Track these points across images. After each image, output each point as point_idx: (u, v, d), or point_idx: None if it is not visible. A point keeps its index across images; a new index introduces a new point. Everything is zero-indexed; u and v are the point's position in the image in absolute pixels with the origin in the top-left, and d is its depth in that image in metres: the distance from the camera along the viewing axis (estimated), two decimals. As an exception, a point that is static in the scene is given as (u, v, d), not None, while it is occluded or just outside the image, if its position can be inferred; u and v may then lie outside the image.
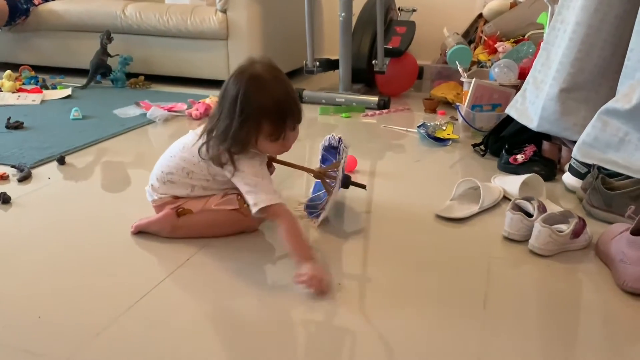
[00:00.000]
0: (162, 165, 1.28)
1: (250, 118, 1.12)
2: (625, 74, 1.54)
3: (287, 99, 1.16)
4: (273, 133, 1.15)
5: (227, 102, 1.14)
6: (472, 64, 2.67)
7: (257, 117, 1.12)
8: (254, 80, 1.13)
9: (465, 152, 2.00)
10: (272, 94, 1.13)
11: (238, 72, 1.15)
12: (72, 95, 2.73)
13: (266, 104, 1.12)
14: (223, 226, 1.27)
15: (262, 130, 1.14)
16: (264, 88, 1.13)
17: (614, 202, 1.39)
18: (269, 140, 1.16)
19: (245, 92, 1.11)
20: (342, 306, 1.04)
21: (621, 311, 1.04)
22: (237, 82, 1.13)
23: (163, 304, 1.02)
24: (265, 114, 1.12)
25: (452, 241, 1.32)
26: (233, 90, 1.13)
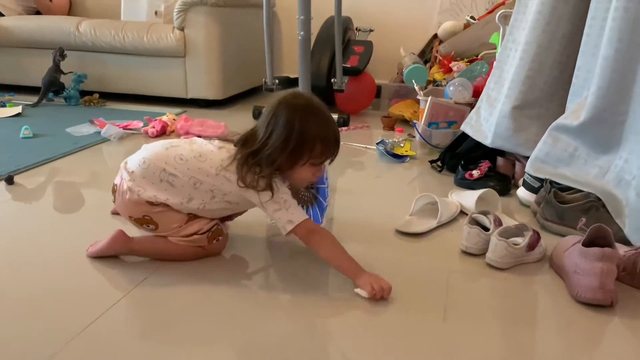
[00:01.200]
0: (166, 163, 1.18)
1: (306, 140, 1.13)
2: (573, 92, 1.60)
3: (337, 130, 1.20)
4: (321, 156, 1.17)
5: (280, 126, 1.13)
6: (428, 83, 2.73)
7: (313, 139, 1.14)
8: (312, 107, 1.17)
9: (423, 168, 2.03)
10: (328, 122, 1.17)
11: (288, 102, 1.16)
12: (23, 113, 2.65)
13: (323, 129, 1.16)
14: (178, 257, 1.22)
15: (314, 153, 1.15)
16: (322, 115, 1.17)
17: (566, 215, 1.44)
18: (313, 164, 1.17)
19: (303, 118, 1.13)
20: (301, 323, 1.03)
21: (576, 321, 1.07)
22: (291, 108, 1.14)
23: (114, 329, 0.98)
24: (321, 138, 1.15)
25: (412, 255, 1.32)
26: (286, 116, 1.13)
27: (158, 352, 0.92)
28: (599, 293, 1.08)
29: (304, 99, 1.19)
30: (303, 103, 1.17)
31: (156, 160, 1.19)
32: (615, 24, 1.38)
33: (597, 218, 1.36)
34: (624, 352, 0.98)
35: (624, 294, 1.14)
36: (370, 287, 1.08)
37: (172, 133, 2.39)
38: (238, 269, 1.23)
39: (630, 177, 1.38)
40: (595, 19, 1.50)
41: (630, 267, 1.18)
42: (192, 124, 2.37)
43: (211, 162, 1.18)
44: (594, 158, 1.51)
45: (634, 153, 1.39)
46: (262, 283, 1.19)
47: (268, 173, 1.14)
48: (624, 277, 1.18)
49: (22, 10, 3.35)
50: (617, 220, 1.37)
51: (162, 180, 1.18)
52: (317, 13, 2.79)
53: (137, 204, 1.19)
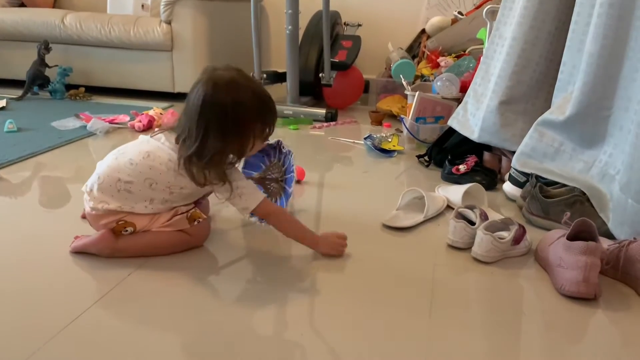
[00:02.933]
0: (119, 172, 1.18)
1: (246, 128, 1.13)
2: (559, 87, 1.61)
3: (268, 99, 1.17)
4: (264, 131, 1.18)
5: (213, 123, 1.10)
6: (416, 78, 2.73)
7: (252, 124, 1.14)
8: (237, 90, 1.11)
9: (410, 163, 2.04)
10: (258, 98, 1.14)
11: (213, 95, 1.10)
12: (7, 107, 2.61)
13: (257, 109, 1.13)
14: (167, 247, 1.22)
15: (256, 133, 1.16)
16: (249, 93, 1.12)
17: (551, 210, 1.45)
18: (261, 140, 1.19)
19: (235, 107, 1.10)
20: (290, 320, 1.03)
21: (560, 314, 1.08)
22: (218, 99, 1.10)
23: (97, 326, 0.98)
24: (260, 118, 1.15)
25: (398, 250, 1.33)
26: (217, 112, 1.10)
27: (142, 347, 0.92)
28: (583, 286, 1.09)
29: (225, 83, 1.11)
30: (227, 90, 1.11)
31: (109, 172, 1.19)
32: (601, 20, 1.39)
33: (581, 212, 1.37)
34: (607, 345, 1.00)
35: (607, 287, 1.16)
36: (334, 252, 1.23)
37: (159, 127, 2.37)
38: (223, 262, 1.23)
39: (614, 172, 1.40)
40: (580, 14, 1.51)
41: (614, 261, 1.19)
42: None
43: (160, 159, 1.17)
44: (579, 153, 1.52)
45: (618, 148, 1.40)
46: (250, 277, 1.19)
47: (217, 169, 1.14)
48: (608, 270, 1.20)
49: (6, 2, 3.30)
50: (601, 215, 1.39)
51: (120, 190, 1.18)
52: (305, 7, 2.78)
53: (107, 215, 1.19)
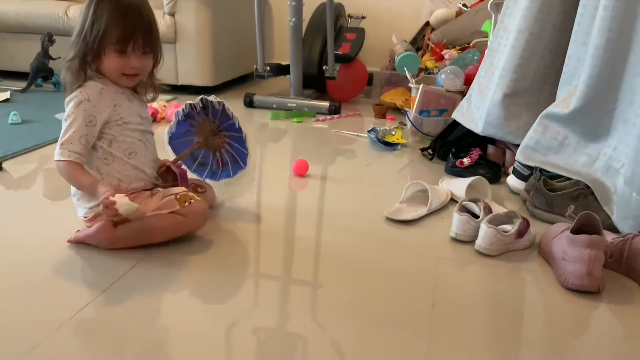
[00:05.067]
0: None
1: (98, 22, 1.14)
2: (563, 80, 1.60)
3: (141, 15, 1.18)
4: (118, 42, 1.16)
5: (83, 10, 1.17)
6: (420, 71, 2.72)
7: (106, 22, 1.14)
8: None
9: (414, 156, 2.03)
10: (126, 5, 1.16)
11: None
12: (11, 99, 2.62)
13: (116, 10, 1.15)
14: (164, 232, 1.21)
15: (108, 36, 1.15)
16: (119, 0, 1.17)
17: (555, 203, 1.45)
18: (114, 50, 1.16)
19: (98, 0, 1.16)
20: (293, 312, 1.03)
21: (563, 307, 1.08)
22: None
23: (99, 319, 0.98)
24: (114, 20, 1.15)
25: (401, 242, 1.33)
26: (87, 2, 1.17)
27: (145, 340, 0.92)
28: (586, 280, 1.09)
29: None
30: None
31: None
32: (607, 13, 1.38)
33: (585, 206, 1.37)
34: (610, 338, 1.00)
35: (611, 280, 1.16)
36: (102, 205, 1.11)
37: (162, 120, 2.38)
38: (226, 255, 1.23)
39: (619, 165, 1.39)
40: (586, 7, 1.50)
41: (618, 254, 1.19)
42: (182, 110, 2.35)
43: None
44: (583, 146, 1.52)
45: (622, 141, 1.40)
46: (252, 270, 1.19)
47: (72, 58, 1.18)
48: (612, 264, 1.20)
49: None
50: (605, 208, 1.38)
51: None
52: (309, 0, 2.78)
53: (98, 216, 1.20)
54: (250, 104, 2.73)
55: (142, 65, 1.22)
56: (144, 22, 1.18)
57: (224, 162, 1.46)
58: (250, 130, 2.34)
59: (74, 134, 1.15)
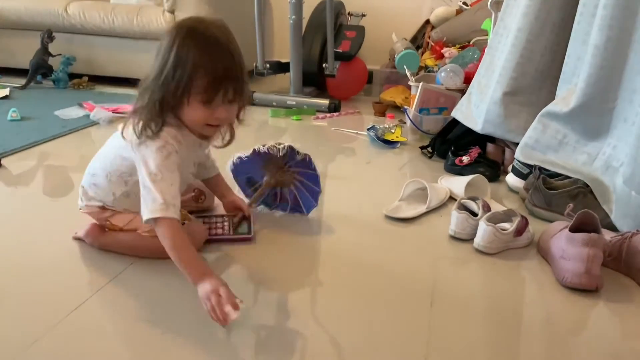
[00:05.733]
0: (90, 166, 1.18)
1: (184, 67, 0.97)
2: (563, 79, 1.60)
3: (233, 59, 1.00)
4: (206, 91, 0.99)
5: (159, 54, 0.99)
6: (420, 69, 2.72)
7: (193, 67, 0.97)
8: (197, 31, 0.99)
9: (413, 154, 2.03)
10: (217, 46, 0.99)
11: (177, 23, 1.02)
12: (10, 95, 2.61)
13: (207, 54, 0.97)
14: (152, 252, 1.10)
15: (194, 84, 0.98)
16: (211, 39, 0.99)
17: (554, 201, 1.45)
18: (200, 100, 1.00)
19: (185, 40, 0.97)
20: (292, 309, 1.03)
21: (562, 306, 1.08)
22: (176, 30, 0.99)
23: (96, 317, 0.98)
24: (204, 65, 0.97)
25: (400, 240, 1.33)
26: (168, 41, 0.98)
27: (140, 338, 0.93)
28: (585, 278, 1.09)
29: (194, 20, 1.01)
30: (190, 24, 1.00)
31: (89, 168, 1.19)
32: (606, 12, 1.38)
33: (584, 204, 1.37)
34: (608, 336, 1.00)
35: (609, 279, 1.16)
36: (205, 306, 0.92)
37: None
38: (224, 257, 1.23)
39: (618, 164, 1.39)
40: (586, 6, 1.50)
41: (616, 253, 1.19)
42: (182, 108, 2.35)
43: (111, 144, 1.13)
44: (583, 145, 1.52)
45: (622, 140, 1.40)
46: (252, 270, 1.19)
47: (147, 105, 1.00)
48: (610, 262, 1.20)
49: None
50: (604, 207, 1.39)
51: (90, 184, 1.17)
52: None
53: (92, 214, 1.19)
54: (250, 102, 2.73)
55: (229, 116, 1.07)
56: (235, 67, 1.00)
57: (284, 199, 1.41)
58: (250, 128, 2.35)
59: (173, 187, 1.00)
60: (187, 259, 0.97)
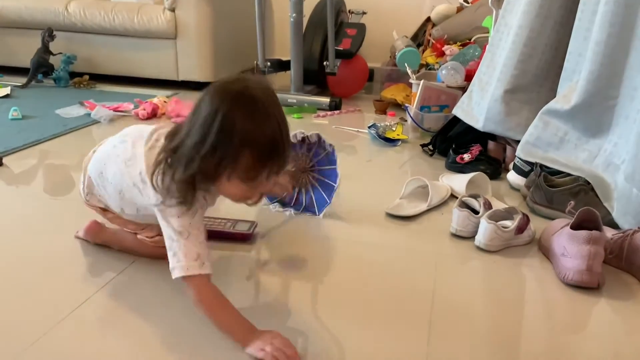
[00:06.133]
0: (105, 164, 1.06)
1: (228, 143, 0.84)
2: (564, 76, 1.60)
3: (281, 134, 0.88)
4: (251, 170, 0.87)
5: (201, 118, 0.85)
6: (421, 67, 2.72)
7: (239, 144, 0.84)
8: (247, 97, 0.85)
9: (414, 152, 2.03)
10: (266, 119, 0.86)
11: (221, 87, 0.88)
12: (11, 94, 2.61)
13: (255, 128, 0.84)
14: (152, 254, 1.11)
15: (239, 162, 0.86)
16: (259, 110, 0.86)
17: (555, 199, 1.45)
18: (242, 178, 0.88)
19: (232, 109, 0.84)
20: (292, 309, 1.03)
21: (563, 303, 1.08)
22: (220, 97, 0.86)
23: (99, 313, 0.99)
24: (250, 142, 0.85)
25: (401, 238, 1.33)
26: (211, 106, 0.85)
27: (144, 335, 0.93)
28: (586, 275, 1.09)
29: (241, 84, 0.87)
30: (236, 89, 0.86)
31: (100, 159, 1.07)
32: (608, 8, 1.37)
33: (585, 202, 1.36)
34: (610, 333, 1.00)
35: (611, 276, 1.16)
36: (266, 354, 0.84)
37: (163, 115, 2.38)
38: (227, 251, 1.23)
39: (619, 162, 1.39)
40: (587, 3, 1.49)
41: (618, 250, 1.19)
42: (183, 106, 2.35)
43: (134, 169, 0.98)
44: (584, 142, 1.52)
45: (623, 137, 1.40)
46: (252, 267, 1.19)
47: (183, 177, 0.87)
48: (612, 260, 1.20)
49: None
50: (606, 204, 1.38)
51: (99, 185, 1.08)
52: (310, -5, 2.77)
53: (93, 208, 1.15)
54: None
55: (270, 188, 1.00)
56: (283, 141, 0.88)
57: (298, 201, 1.44)
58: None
59: (202, 244, 0.92)
60: (229, 323, 0.89)
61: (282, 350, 0.84)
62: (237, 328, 0.89)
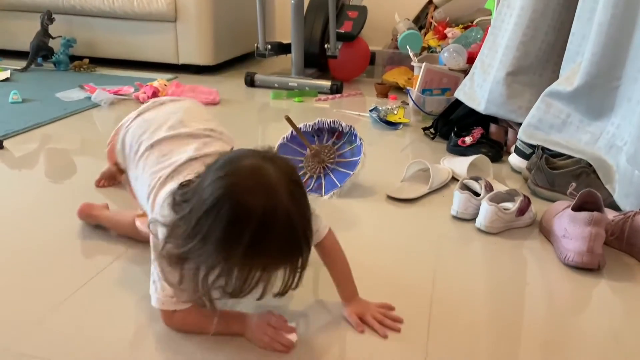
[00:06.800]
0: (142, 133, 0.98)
1: (252, 268, 0.71)
2: (567, 58, 1.59)
3: (306, 252, 0.75)
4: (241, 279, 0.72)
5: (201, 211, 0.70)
6: (423, 49, 2.70)
7: (262, 270, 0.72)
8: (273, 223, 0.69)
9: (416, 135, 2.02)
10: (292, 246, 0.72)
11: (245, 205, 0.69)
12: (11, 78, 2.60)
13: (277, 259, 0.73)
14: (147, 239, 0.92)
15: (251, 277, 0.72)
16: (284, 242, 0.71)
17: (557, 181, 1.44)
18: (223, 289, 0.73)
19: (257, 235, 0.69)
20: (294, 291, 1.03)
21: (563, 284, 1.08)
22: (245, 216, 0.69)
23: (100, 294, 0.99)
24: (272, 271, 0.73)
25: (402, 221, 1.33)
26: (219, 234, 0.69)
27: (144, 317, 0.93)
28: (587, 257, 1.10)
29: (266, 198, 0.70)
30: (264, 211, 0.69)
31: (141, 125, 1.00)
32: (612, -12, 1.36)
33: (587, 184, 1.36)
34: (610, 314, 1.00)
35: (611, 258, 1.16)
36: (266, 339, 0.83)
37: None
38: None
39: (622, 143, 1.38)
40: (591, -17, 1.47)
41: (619, 232, 1.19)
42: (183, 89, 2.34)
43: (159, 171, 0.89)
44: (586, 124, 1.51)
45: (626, 119, 1.39)
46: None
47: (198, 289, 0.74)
48: (612, 241, 1.20)
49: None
50: (607, 186, 1.38)
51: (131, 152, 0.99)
52: (311, -23, 2.74)
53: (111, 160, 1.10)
54: (252, 83, 2.72)
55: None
56: (305, 258, 0.75)
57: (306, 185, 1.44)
58: (251, 110, 2.34)
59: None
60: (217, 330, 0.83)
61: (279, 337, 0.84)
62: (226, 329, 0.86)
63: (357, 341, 0.88)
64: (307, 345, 0.87)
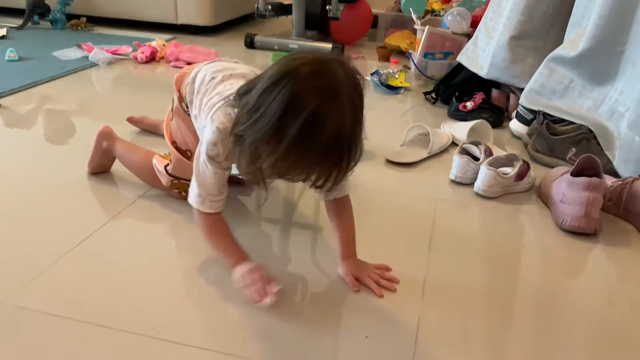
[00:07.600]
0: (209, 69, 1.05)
1: (297, 160, 0.74)
2: (572, 22, 1.56)
3: (353, 157, 0.76)
4: (318, 179, 0.77)
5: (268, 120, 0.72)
6: (426, 13, 2.65)
7: (309, 164, 0.75)
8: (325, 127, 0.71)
9: (417, 100, 2.00)
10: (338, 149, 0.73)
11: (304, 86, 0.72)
12: (7, 36, 2.56)
13: (323, 160, 0.74)
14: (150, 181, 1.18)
15: (303, 175, 0.77)
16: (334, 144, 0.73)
17: (557, 147, 1.44)
18: (278, 173, 0.79)
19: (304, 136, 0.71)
20: (293, 254, 1.04)
21: (559, 249, 1.09)
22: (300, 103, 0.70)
23: (105, 247, 1.00)
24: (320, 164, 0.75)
25: (401, 185, 1.33)
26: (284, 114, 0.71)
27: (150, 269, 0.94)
28: (584, 221, 1.10)
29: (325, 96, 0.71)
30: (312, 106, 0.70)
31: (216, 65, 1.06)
32: (621, -51, 1.32)
33: (587, 149, 1.36)
34: (604, 278, 1.01)
35: (608, 223, 1.17)
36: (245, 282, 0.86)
37: (161, 59, 2.34)
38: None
39: (624, 109, 1.37)
40: (600, -57, 1.43)
41: (616, 198, 1.19)
42: (182, 50, 2.31)
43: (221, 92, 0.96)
44: (589, 90, 1.49)
45: (629, 85, 1.37)
46: (255, 214, 1.19)
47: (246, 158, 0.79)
48: (610, 207, 1.20)
49: None
50: (607, 153, 1.38)
51: (202, 85, 1.03)
52: None
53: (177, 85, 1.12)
54: (251, 45, 2.68)
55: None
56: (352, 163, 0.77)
57: None
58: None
59: (207, 191, 0.92)
60: (222, 249, 0.93)
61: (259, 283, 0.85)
62: (229, 254, 0.92)
63: (352, 300, 0.89)
64: (303, 305, 0.88)
